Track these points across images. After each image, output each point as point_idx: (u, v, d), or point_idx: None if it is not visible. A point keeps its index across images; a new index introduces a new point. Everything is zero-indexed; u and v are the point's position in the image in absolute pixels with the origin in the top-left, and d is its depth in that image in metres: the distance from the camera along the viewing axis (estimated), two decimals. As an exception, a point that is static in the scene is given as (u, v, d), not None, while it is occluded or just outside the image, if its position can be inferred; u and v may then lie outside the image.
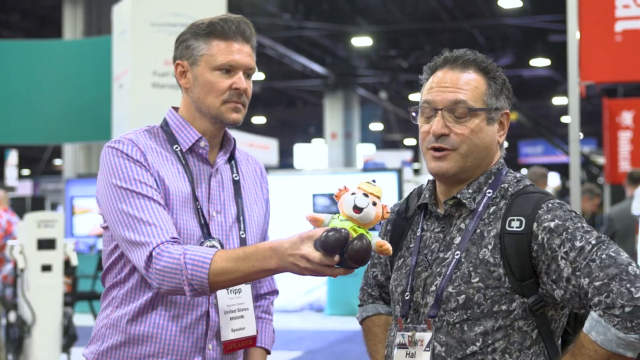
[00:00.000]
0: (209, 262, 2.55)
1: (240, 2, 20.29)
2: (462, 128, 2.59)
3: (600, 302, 2.34)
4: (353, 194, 2.32)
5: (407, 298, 2.63)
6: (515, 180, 2.65)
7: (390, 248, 2.35)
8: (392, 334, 2.70)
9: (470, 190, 2.62)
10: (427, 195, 2.73)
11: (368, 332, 2.95)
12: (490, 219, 2.56)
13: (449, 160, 2.60)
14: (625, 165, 14.68)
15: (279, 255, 2.43)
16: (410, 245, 2.72)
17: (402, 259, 2.73)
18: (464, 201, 2.61)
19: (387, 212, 2.35)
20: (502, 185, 2.63)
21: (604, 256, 2.37)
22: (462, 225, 2.60)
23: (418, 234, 2.70)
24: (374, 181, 2.36)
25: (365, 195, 2.32)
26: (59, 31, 19.17)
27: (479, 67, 2.65)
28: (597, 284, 2.35)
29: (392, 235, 2.81)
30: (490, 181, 2.64)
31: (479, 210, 2.59)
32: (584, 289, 2.38)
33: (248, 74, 2.90)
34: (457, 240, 2.59)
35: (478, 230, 2.56)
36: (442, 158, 2.60)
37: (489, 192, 2.61)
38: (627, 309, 2.30)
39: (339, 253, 2.30)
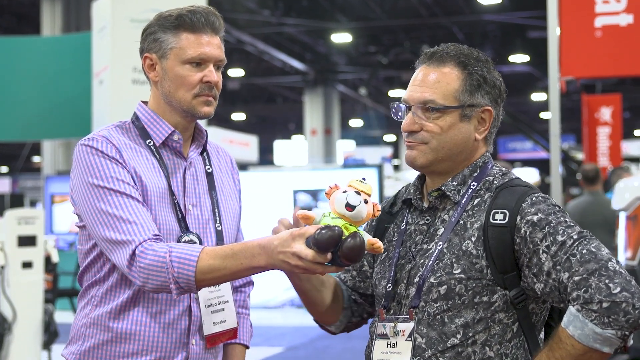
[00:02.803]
0: (196, 259, 2.52)
1: (220, -1, 20.27)
2: (431, 125, 2.60)
3: (578, 297, 2.35)
4: (344, 191, 2.31)
5: (389, 289, 2.64)
6: (500, 174, 2.65)
7: (382, 246, 2.35)
8: (373, 327, 2.70)
9: (454, 183, 2.63)
10: (412, 191, 2.74)
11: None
12: (474, 211, 2.57)
13: (418, 150, 2.62)
14: (604, 161, 14.77)
15: (268, 253, 2.40)
16: (393, 239, 2.73)
17: (385, 252, 2.72)
18: (448, 193, 2.62)
19: (378, 210, 2.35)
20: (487, 178, 2.64)
21: (584, 251, 2.38)
22: (446, 217, 2.62)
23: (402, 228, 2.71)
24: (364, 179, 2.36)
25: (357, 193, 2.31)
26: (37, 28, 19.08)
27: (457, 62, 2.66)
28: (576, 278, 2.36)
29: (376, 229, 2.81)
30: (475, 174, 2.65)
31: (463, 202, 2.60)
32: (564, 283, 2.39)
33: (218, 65, 2.87)
34: (441, 231, 2.60)
35: (461, 222, 2.57)
36: (413, 147, 2.63)
37: (474, 185, 2.62)
38: (604, 305, 2.30)
39: (331, 250, 2.29)
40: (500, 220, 2.51)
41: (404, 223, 2.72)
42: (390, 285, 2.64)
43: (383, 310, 2.64)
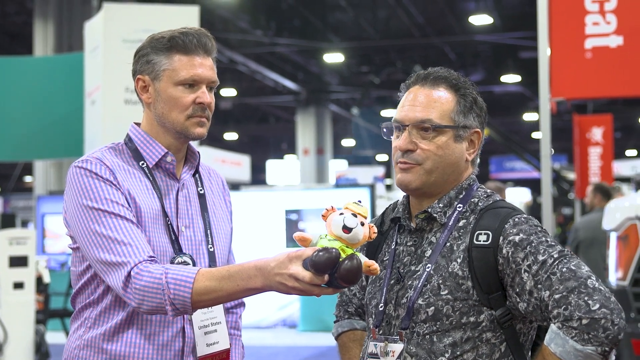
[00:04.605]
0: (192, 281, 2.53)
1: (212, 18, 20.33)
2: (428, 144, 2.64)
3: (559, 315, 2.39)
4: (341, 214, 2.33)
5: (380, 309, 2.67)
6: (485, 195, 2.70)
7: (378, 268, 2.36)
8: (365, 345, 2.73)
9: (441, 205, 2.67)
10: (400, 210, 2.77)
11: (343, 347, 2.98)
12: (460, 233, 2.61)
13: (413, 173, 2.66)
14: (595, 181, 14.81)
15: (264, 275, 2.41)
16: (384, 259, 2.76)
17: None
18: (435, 215, 2.66)
19: (374, 233, 2.36)
20: (473, 200, 2.68)
21: (564, 269, 2.43)
22: (433, 239, 2.65)
23: (392, 247, 2.74)
24: (359, 201, 2.38)
25: (354, 215, 2.33)
26: (30, 48, 19.09)
27: (449, 84, 2.70)
28: (556, 296, 2.41)
29: (367, 249, 2.84)
30: (461, 196, 2.69)
31: (449, 224, 2.64)
32: (545, 301, 2.43)
33: (211, 87, 2.88)
34: (428, 253, 2.64)
35: (448, 244, 2.61)
36: (407, 170, 2.66)
37: (459, 207, 2.66)
38: (584, 321, 2.35)
39: (328, 272, 2.30)
40: (483, 241, 2.55)
41: (393, 243, 2.75)
42: (382, 305, 2.67)
43: (375, 330, 2.67)
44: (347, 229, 2.31)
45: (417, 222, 2.71)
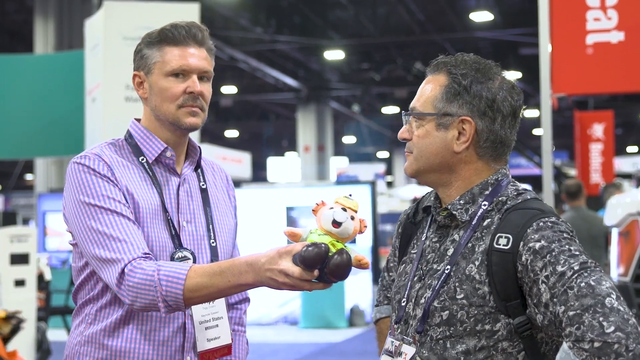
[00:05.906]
0: (184, 277, 2.53)
1: (213, 16, 20.32)
2: (414, 133, 2.58)
3: (571, 334, 2.22)
4: (331, 208, 2.31)
5: (403, 304, 2.59)
6: (515, 194, 2.54)
7: (369, 262, 2.33)
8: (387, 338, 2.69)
9: (462, 202, 2.54)
10: (432, 198, 2.69)
11: (380, 334, 2.94)
12: (483, 233, 2.47)
13: (408, 160, 2.62)
14: (596, 177, 14.80)
15: (255, 270, 2.40)
16: (412, 252, 2.68)
17: (404, 265, 2.69)
18: (455, 212, 2.53)
19: (365, 226, 2.34)
20: (500, 199, 2.52)
21: (582, 284, 2.24)
22: (457, 237, 2.53)
23: (422, 240, 2.65)
24: (350, 195, 2.35)
25: (344, 209, 2.31)
26: (30, 46, 19.09)
27: (446, 71, 2.59)
28: (570, 313, 2.23)
29: (401, 239, 2.78)
30: (486, 192, 2.54)
31: (473, 223, 2.51)
32: (559, 317, 2.26)
33: (204, 77, 2.88)
34: (450, 252, 2.51)
35: (470, 244, 2.48)
36: (407, 156, 2.64)
37: (484, 204, 2.52)
38: (596, 344, 2.17)
39: (318, 268, 2.29)
40: (503, 245, 2.40)
41: (424, 236, 2.66)
42: (404, 300, 2.59)
43: (395, 327, 2.61)
44: (336, 224, 2.29)
45: (439, 220, 2.60)
